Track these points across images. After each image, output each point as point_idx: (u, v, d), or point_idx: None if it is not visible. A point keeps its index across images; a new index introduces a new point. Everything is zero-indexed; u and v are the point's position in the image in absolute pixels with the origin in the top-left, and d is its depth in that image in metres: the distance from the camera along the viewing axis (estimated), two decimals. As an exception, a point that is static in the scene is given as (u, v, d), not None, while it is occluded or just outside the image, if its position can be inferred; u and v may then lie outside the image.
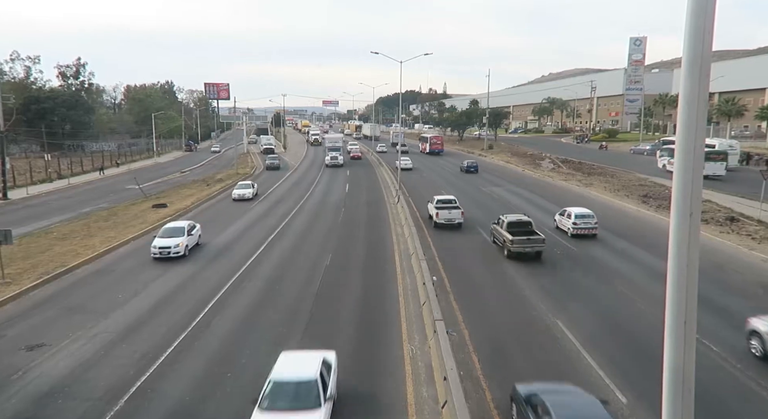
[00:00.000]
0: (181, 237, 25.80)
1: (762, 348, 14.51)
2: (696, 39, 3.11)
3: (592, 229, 28.30)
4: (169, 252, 24.99)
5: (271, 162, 68.45)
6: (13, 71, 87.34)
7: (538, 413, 10.46)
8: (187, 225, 27.14)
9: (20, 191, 48.63)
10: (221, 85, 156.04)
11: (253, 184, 45.57)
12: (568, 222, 29.01)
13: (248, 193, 43.09)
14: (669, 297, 3.36)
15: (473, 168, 58.50)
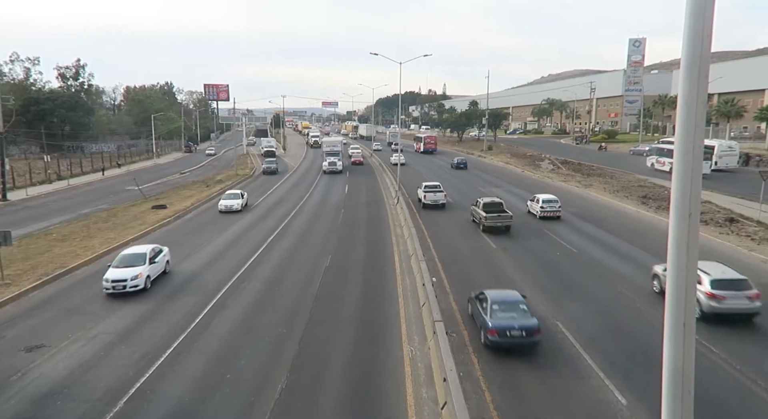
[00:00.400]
0: (141, 267, 21.03)
1: (659, 286, 19.44)
2: (695, 40, 3.12)
3: (557, 212, 33.15)
4: (124, 287, 20.25)
5: (268, 165, 65.07)
6: (12, 72, 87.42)
7: (481, 300, 16.63)
8: (149, 251, 22.07)
9: (20, 192, 48.63)
10: (221, 86, 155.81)
11: (242, 193, 40.46)
12: (537, 206, 34.04)
13: (236, 204, 38.26)
14: (668, 298, 3.36)
15: (463, 164, 63.98)
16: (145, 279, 20.81)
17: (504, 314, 15.52)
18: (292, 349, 15.72)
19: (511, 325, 15.12)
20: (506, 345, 15.22)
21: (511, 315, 15.47)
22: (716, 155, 50.57)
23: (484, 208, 30.81)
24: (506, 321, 15.29)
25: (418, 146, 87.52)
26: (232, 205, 38.10)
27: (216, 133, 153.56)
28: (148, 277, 21.08)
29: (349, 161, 70.51)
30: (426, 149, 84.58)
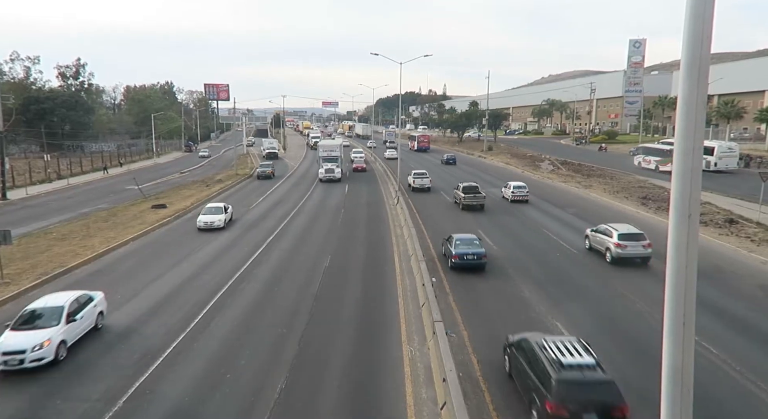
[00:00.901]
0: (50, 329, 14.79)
1: (589, 244, 26.07)
2: (695, 41, 3.12)
3: (525, 196, 40.47)
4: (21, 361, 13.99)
5: (263, 170, 59.47)
6: (12, 71, 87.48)
7: (449, 240, 23.89)
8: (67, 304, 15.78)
9: (19, 191, 48.62)
10: (221, 85, 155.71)
11: (225, 206, 34.19)
12: (509, 192, 40.83)
13: (218, 220, 32.13)
14: (668, 299, 3.37)
15: (452, 160, 70.68)
16: (56, 347, 14.56)
17: (463, 246, 22.81)
18: (291, 349, 15.73)
19: (467, 252, 22.55)
20: (464, 265, 22.59)
21: (468, 247, 22.77)
22: (716, 156, 50.57)
23: (463, 191, 38.23)
24: (463, 249, 22.60)
25: (413, 145, 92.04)
26: (212, 222, 31.99)
27: (216, 133, 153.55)
28: (62, 343, 14.88)
29: (351, 167, 63.72)
30: (420, 147, 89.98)
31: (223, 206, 34.15)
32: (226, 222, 32.94)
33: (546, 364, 11.22)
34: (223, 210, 33.33)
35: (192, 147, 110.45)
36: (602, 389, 10.72)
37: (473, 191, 37.93)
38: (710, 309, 17.83)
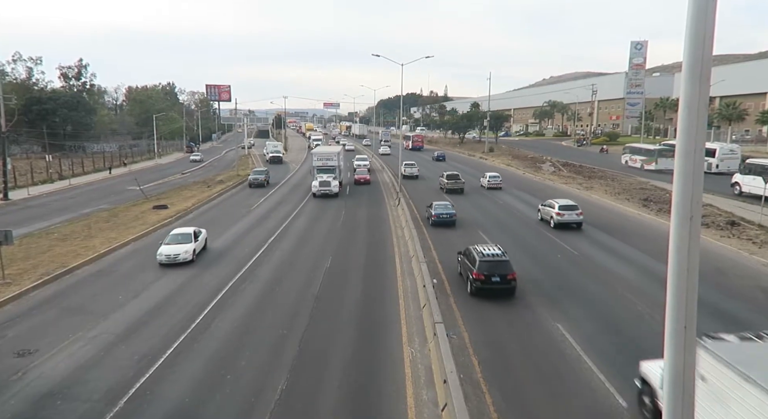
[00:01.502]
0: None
1: (540, 215, 33.58)
2: (697, 43, 3.11)
3: (498, 184, 48.00)
4: None
5: (255, 177, 52.70)
6: (15, 72, 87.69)
7: (429, 206, 33.41)
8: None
9: (21, 192, 48.70)
10: (222, 86, 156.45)
11: (196, 232, 26.55)
12: (485, 180, 49.24)
13: (184, 253, 24.51)
14: (669, 302, 3.35)
15: (441, 157, 76.89)
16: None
17: (439, 209, 32.42)
18: (292, 350, 15.71)
19: (442, 212, 32.15)
20: (440, 221, 31.95)
21: (443, 209, 32.35)
22: (718, 158, 50.52)
23: (446, 177, 47.40)
24: (440, 211, 32.32)
25: (407, 144, 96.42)
26: (176, 255, 24.25)
27: (218, 134, 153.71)
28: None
29: (354, 176, 53.55)
30: (414, 147, 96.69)
31: (193, 232, 26.37)
32: (196, 253, 25.49)
33: (475, 254, 20.28)
34: (192, 238, 25.73)
35: (193, 148, 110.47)
36: (502, 265, 19.76)
37: (454, 178, 46.98)
38: (711, 312, 17.78)
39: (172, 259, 24.44)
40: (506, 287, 19.59)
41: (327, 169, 47.09)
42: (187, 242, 25.57)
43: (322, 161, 47.94)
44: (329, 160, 48.02)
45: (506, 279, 19.54)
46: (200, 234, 27.38)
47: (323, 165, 47.57)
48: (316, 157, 48.69)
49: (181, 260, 24.52)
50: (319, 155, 48.99)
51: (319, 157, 48.51)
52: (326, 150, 52.68)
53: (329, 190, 44.24)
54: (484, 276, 19.48)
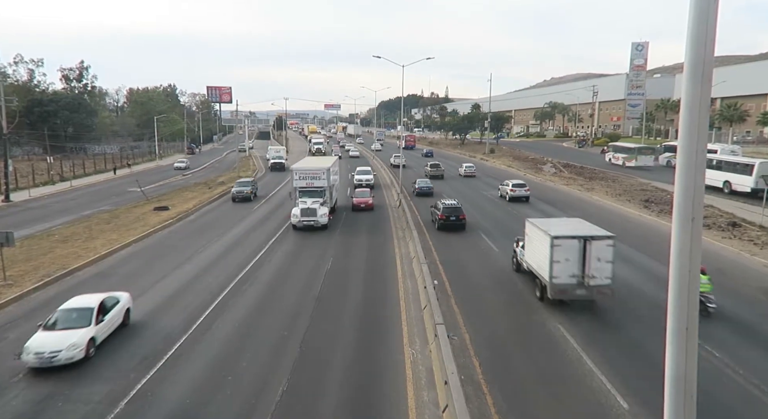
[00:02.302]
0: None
1: (499, 193, 43.79)
2: (698, 44, 3.11)
3: (473, 173, 59.17)
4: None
5: (239, 190, 44.43)
6: (16, 74, 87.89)
7: (415, 183, 47.37)
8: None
9: (22, 193, 48.76)
10: (223, 88, 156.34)
11: (105, 302, 16.67)
12: (462, 170, 60.25)
13: (69, 348, 14.63)
14: (670, 303, 3.34)
15: (429, 153, 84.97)
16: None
17: (421, 184, 45.40)
18: (293, 351, 15.70)
19: (423, 186, 45.33)
20: (421, 193, 44.15)
21: (424, 184, 45.47)
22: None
23: (429, 166, 60.05)
24: (422, 185, 45.17)
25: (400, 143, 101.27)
26: (54, 353, 14.50)
27: (219, 135, 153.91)
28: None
29: (353, 199, 40.17)
30: (406, 145, 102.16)
31: (98, 304, 16.28)
32: (96, 345, 15.60)
33: (440, 204, 32.37)
34: (92, 317, 15.73)
35: (194, 149, 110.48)
36: (457, 209, 31.48)
37: (436, 166, 59.50)
38: (713, 313, 17.74)
39: (46, 361, 14.36)
40: (459, 223, 31.65)
41: (312, 191, 34.01)
42: (82, 325, 15.44)
43: (306, 180, 34.51)
44: (315, 179, 34.55)
45: (459, 219, 31.74)
46: (113, 305, 16.93)
47: (307, 185, 34.31)
48: (297, 175, 34.57)
49: (65, 361, 14.48)
50: (301, 172, 34.79)
51: (301, 175, 34.63)
52: (311, 164, 37.54)
53: (315, 221, 31.99)
54: (445, 216, 31.55)
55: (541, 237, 19.34)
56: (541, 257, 19.12)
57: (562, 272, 18.20)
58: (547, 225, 19.86)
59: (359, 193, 40.90)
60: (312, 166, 36.55)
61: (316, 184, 34.40)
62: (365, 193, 41.06)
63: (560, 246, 18.16)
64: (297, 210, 32.46)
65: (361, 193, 40.67)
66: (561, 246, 18.16)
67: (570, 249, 18.18)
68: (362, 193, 40.93)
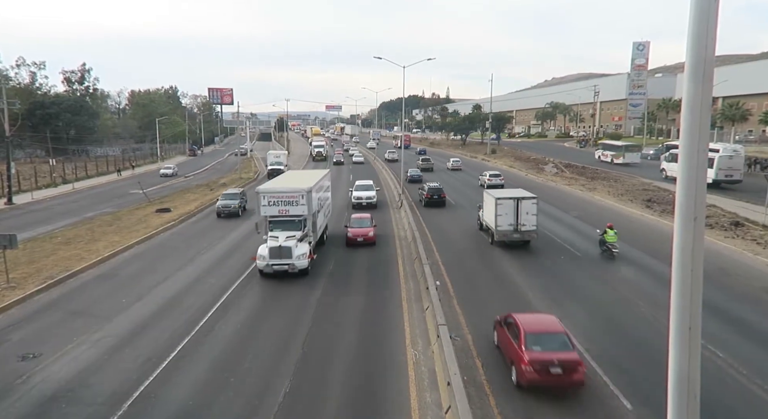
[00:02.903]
0: None
1: (480, 182, 50.34)
2: (699, 43, 3.11)
3: (459, 167, 66.99)
4: None
5: (225, 204, 37.48)
6: (18, 77, 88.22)
7: (407, 172, 53.91)
8: None
9: (25, 196, 48.87)
10: (225, 90, 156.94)
11: None
12: (449, 164, 68.10)
13: None
14: (673, 303, 3.33)
15: (423, 151, 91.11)
16: None
17: (412, 172, 55.45)
18: (295, 352, 15.70)
19: (414, 174, 55.34)
20: (412, 179, 52.98)
21: (415, 173, 55.76)
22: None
23: (421, 160, 68.89)
24: (413, 173, 55.39)
25: (396, 143, 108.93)
26: None
27: (220, 137, 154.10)
28: None
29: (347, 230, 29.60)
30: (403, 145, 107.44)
31: None
32: None
33: (426, 186, 41.66)
34: None
35: (196, 151, 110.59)
36: (439, 190, 40.94)
37: (426, 160, 69.19)
38: (716, 313, 17.73)
39: None
40: (440, 200, 40.54)
41: (287, 221, 24.34)
42: None
43: (279, 206, 24.56)
44: (292, 205, 24.55)
45: (440, 197, 40.65)
46: None
47: (281, 214, 24.51)
48: (266, 199, 24.54)
49: None
50: (272, 196, 24.60)
51: (272, 199, 24.57)
52: (286, 184, 26.71)
53: (289, 264, 22.47)
54: (429, 195, 40.38)
55: (490, 200, 28.01)
56: (490, 214, 27.80)
57: (503, 222, 26.88)
58: (494, 192, 28.97)
59: (356, 221, 30.06)
60: (287, 186, 25.65)
61: (293, 211, 24.23)
62: (364, 221, 29.92)
63: (501, 205, 26.85)
64: (264, 249, 22.53)
65: (359, 222, 29.84)
66: (502, 204, 26.87)
67: (508, 206, 26.83)
68: (360, 221, 29.94)
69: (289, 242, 22.68)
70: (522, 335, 13.30)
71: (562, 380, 12.75)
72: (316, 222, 26.15)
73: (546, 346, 13.08)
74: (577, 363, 12.72)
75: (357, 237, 28.53)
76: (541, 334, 13.50)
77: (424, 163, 67.38)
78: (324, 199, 29.79)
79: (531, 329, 13.54)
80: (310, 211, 24.69)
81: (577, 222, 33.85)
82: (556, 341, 13.31)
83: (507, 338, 14.20)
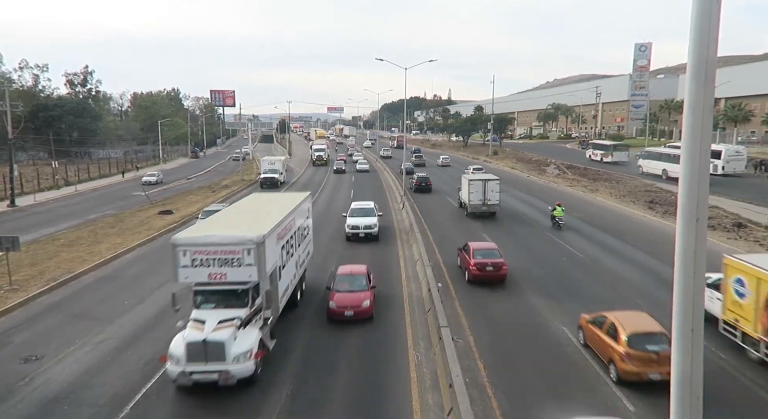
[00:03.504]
0: None
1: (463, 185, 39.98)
2: (700, 45, 3.10)
3: (448, 163, 74.22)
4: None
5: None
6: (21, 79, 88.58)
7: (401, 165, 56.93)
8: None
9: (28, 198, 48.99)
10: (227, 92, 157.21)
11: None
12: (439, 160, 75.32)
13: None
14: (675, 305, 3.33)
15: (417, 150, 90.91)
16: None
17: (407, 166, 54.85)
18: (297, 354, 15.68)
19: (408, 167, 55.45)
20: (405, 172, 52.41)
21: (408, 165, 56.02)
22: (723, 160, 50.17)
23: (414, 157, 74.87)
24: (407, 166, 54.92)
25: (393, 143, 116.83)
26: None
27: (222, 139, 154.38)
28: None
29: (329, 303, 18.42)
30: (398, 145, 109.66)
31: None
32: None
33: (416, 176, 50.78)
34: None
35: (197, 153, 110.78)
36: (426, 179, 50.05)
37: (419, 157, 77.23)
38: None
39: None
40: (427, 187, 48.98)
41: (223, 294, 15.02)
42: None
43: (210, 267, 14.74)
44: (231, 264, 14.72)
45: (427, 185, 49.10)
46: None
47: (211, 279, 14.84)
48: (187, 255, 14.81)
49: None
50: (196, 250, 14.77)
51: (197, 256, 14.77)
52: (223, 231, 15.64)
53: (221, 373, 13.39)
54: (418, 183, 48.99)
55: (465, 182, 37.45)
56: (465, 192, 36.91)
57: (474, 198, 35.56)
58: (468, 176, 39.03)
59: (344, 279, 19.20)
60: (223, 234, 15.15)
61: (233, 276, 14.74)
62: (357, 281, 19.10)
63: (473, 184, 35.81)
64: (179, 346, 13.85)
65: (350, 281, 19.10)
66: (473, 184, 35.84)
67: (478, 185, 35.64)
68: (351, 280, 19.16)
69: (220, 334, 13.59)
70: (471, 252, 22.15)
71: (493, 274, 21.39)
72: (277, 286, 16.39)
73: (485, 256, 21.77)
74: (502, 264, 21.59)
75: (344, 310, 17.78)
76: (483, 250, 22.33)
77: (417, 159, 75.60)
78: (297, 240, 19.95)
79: (477, 247, 22.58)
80: (263, 275, 14.69)
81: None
82: (492, 255, 21.97)
83: (464, 257, 22.78)
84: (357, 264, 21.55)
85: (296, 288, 19.67)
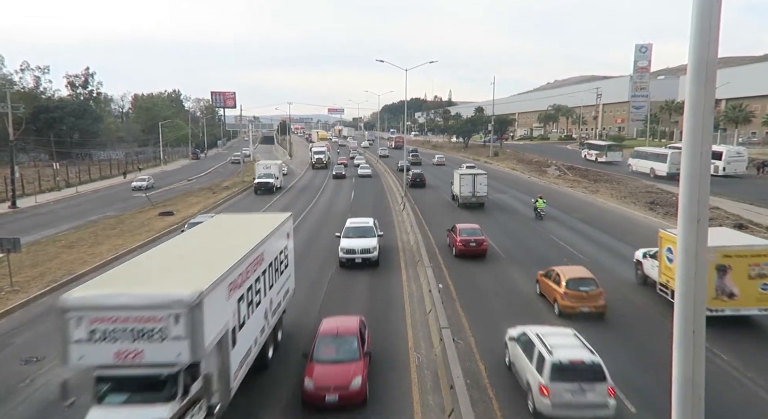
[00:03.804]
0: None
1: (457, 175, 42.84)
2: (701, 44, 3.10)
3: (443, 162, 77.35)
4: None
5: None
6: (23, 81, 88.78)
7: (397, 163, 68.51)
8: None
9: (29, 199, 49.06)
10: (227, 93, 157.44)
11: None
12: (434, 159, 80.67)
13: None
14: (677, 306, 3.33)
15: (415, 150, 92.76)
16: None
17: (404, 164, 51.81)
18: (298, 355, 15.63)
19: (405, 165, 51.60)
20: (401, 169, 55.52)
21: (405, 163, 51.64)
22: (724, 161, 50.15)
23: (411, 156, 73.26)
24: (402, 164, 55.23)
25: (391, 144, 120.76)
26: None
27: (223, 140, 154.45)
28: None
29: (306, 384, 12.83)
30: (396, 145, 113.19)
31: None
32: None
33: (412, 173, 53.70)
34: None
35: (198, 154, 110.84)
36: (421, 176, 54.91)
37: (415, 156, 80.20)
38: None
39: None
40: (422, 183, 53.02)
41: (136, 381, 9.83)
42: None
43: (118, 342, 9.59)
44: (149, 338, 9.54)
45: (422, 180, 53.09)
46: None
47: (119, 360, 9.63)
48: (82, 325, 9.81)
49: None
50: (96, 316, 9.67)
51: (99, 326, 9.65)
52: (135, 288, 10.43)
53: None
54: (413, 179, 51.83)
55: (456, 176, 41.53)
56: (456, 185, 40.84)
57: (465, 190, 39.46)
58: (459, 171, 43.16)
59: (326, 341, 13.94)
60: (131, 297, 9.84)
61: (153, 355, 9.65)
62: (347, 345, 13.76)
63: (464, 178, 39.87)
64: None
65: (336, 344, 13.81)
66: (464, 178, 39.89)
67: (468, 179, 39.57)
68: (336, 344, 13.80)
69: None
70: (458, 231, 26.41)
71: (475, 249, 25.61)
72: (228, 358, 11.32)
73: (469, 234, 26.04)
74: (483, 241, 25.85)
75: (324, 393, 12.54)
76: (467, 229, 26.61)
77: (414, 158, 79.33)
78: (270, 279, 14.93)
79: (462, 227, 26.90)
80: (199, 352, 9.78)
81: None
82: (475, 233, 26.26)
83: (452, 236, 26.98)
84: (347, 314, 16.24)
85: (267, 344, 14.45)
